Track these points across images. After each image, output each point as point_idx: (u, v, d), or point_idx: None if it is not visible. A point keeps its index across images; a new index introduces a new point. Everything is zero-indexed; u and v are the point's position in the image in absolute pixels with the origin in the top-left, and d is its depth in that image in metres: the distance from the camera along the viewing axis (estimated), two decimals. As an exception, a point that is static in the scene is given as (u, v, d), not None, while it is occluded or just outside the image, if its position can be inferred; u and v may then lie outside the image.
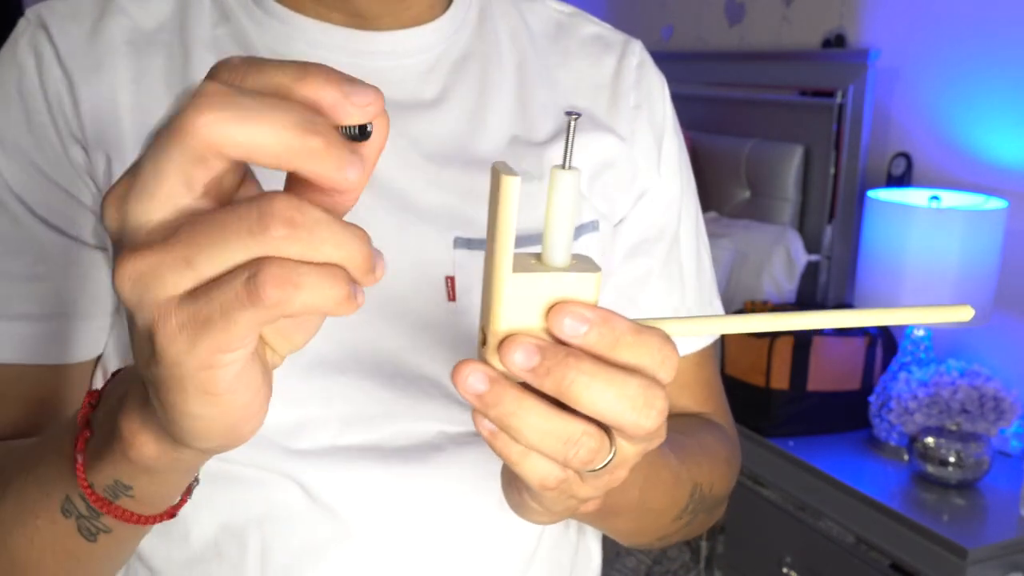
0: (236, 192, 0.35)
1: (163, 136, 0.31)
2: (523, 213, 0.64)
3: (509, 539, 0.65)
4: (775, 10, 2.53)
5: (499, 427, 0.38)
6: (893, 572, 1.67)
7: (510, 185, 0.36)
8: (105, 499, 0.44)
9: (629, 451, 0.41)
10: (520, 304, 0.38)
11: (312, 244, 0.31)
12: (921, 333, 1.89)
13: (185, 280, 0.31)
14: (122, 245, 0.32)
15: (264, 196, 0.31)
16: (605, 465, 0.40)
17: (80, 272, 0.62)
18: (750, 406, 1.95)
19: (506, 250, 0.37)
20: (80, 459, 0.44)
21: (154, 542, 0.63)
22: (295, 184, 0.34)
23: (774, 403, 1.95)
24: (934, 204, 1.80)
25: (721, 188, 2.52)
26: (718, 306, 0.79)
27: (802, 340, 1.95)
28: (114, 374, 0.46)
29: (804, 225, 2.37)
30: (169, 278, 0.31)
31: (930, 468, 1.74)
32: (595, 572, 0.76)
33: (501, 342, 0.38)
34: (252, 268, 0.30)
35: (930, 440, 1.74)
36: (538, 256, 0.39)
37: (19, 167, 0.61)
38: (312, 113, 0.31)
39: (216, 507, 0.61)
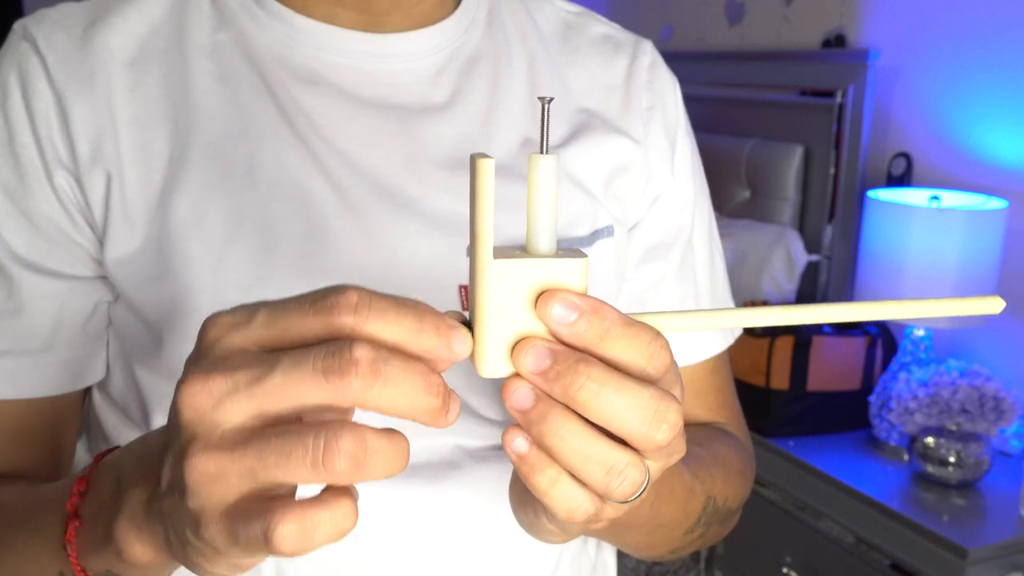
0: None
1: (302, 371, 0.33)
2: None
3: (530, 556, 0.64)
4: (775, 10, 2.53)
5: (540, 445, 0.37)
6: (893, 572, 1.66)
7: (486, 167, 0.35)
8: None
9: (652, 470, 0.39)
10: (505, 294, 0.36)
11: (368, 473, 0.33)
12: (921, 333, 1.89)
13: (243, 488, 0.34)
14: (194, 434, 0.34)
15: (331, 429, 0.33)
16: (640, 494, 0.38)
17: (56, 306, 0.60)
18: (750, 406, 1.94)
19: (485, 236, 0.36)
20: (70, 549, 0.46)
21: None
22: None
23: (774, 403, 1.95)
24: (934, 204, 1.80)
25: (721, 188, 2.52)
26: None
27: (802, 340, 1.95)
28: (98, 457, 0.47)
29: (804, 225, 2.37)
30: (232, 484, 0.34)
31: (930, 468, 1.74)
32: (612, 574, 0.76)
33: (515, 345, 0.36)
34: (268, 519, 0.33)
35: (930, 440, 1.74)
36: (524, 248, 0.38)
37: None
38: (431, 373, 0.34)
39: None
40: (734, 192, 2.53)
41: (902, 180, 2.10)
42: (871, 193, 1.92)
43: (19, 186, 0.59)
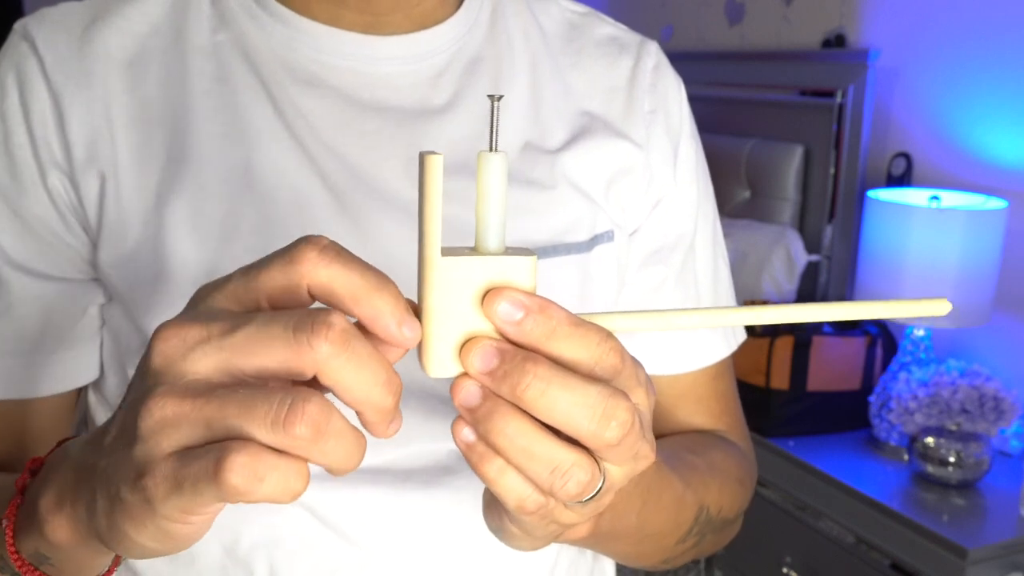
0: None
1: (273, 326, 0.33)
2: (530, 223, 0.62)
3: (526, 562, 0.64)
4: (775, 10, 2.53)
5: (486, 444, 0.37)
6: (893, 572, 1.66)
7: (434, 164, 0.35)
8: (30, 565, 0.44)
9: (615, 475, 0.39)
10: (452, 292, 0.36)
11: (320, 448, 0.33)
12: (921, 333, 1.89)
13: (194, 437, 0.34)
14: (159, 381, 0.34)
15: (300, 392, 0.33)
16: (593, 496, 0.39)
17: (44, 308, 0.60)
18: (750, 406, 1.93)
19: (433, 233, 0.36)
20: (8, 525, 0.44)
21: (160, 566, 0.62)
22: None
23: (774, 403, 1.95)
24: (934, 204, 1.80)
25: (721, 188, 2.52)
26: None
27: (802, 340, 1.95)
28: (59, 443, 0.46)
29: (804, 225, 2.37)
30: (184, 431, 0.34)
31: (930, 468, 1.74)
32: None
33: (463, 344, 0.36)
34: (223, 449, 0.32)
35: (930, 440, 1.74)
36: (472, 247, 0.37)
37: None
38: (394, 373, 0.35)
39: (222, 532, 0.59)
40: (734, 192, 2.53)
41: (902, 180, 2.10)
42: (871, 193, 1.92)
43: (13, 186, 0.59)
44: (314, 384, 0.35)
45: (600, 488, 0.38)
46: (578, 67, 0.69)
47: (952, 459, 1.72)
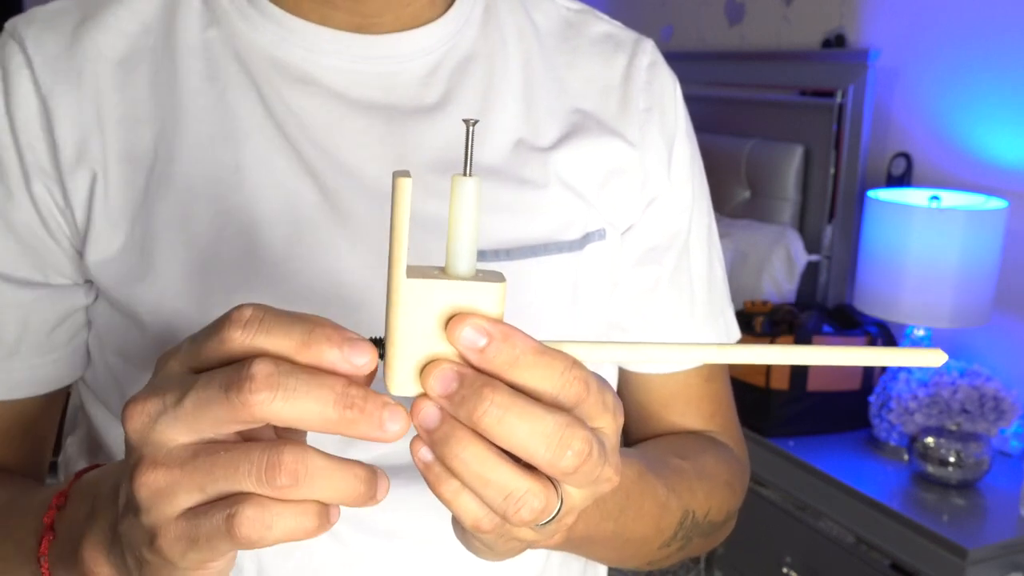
0: None
1: (210, 389, 0.35)
2: (523, 224, 0.62)
3: (517, 560, 0.64)
4: (775, 10, 2.53)
5: (444, 466, 0.37)
6: (893, 572, 1.67)
7: (403, 186, 0.35)
8: None
9: (576, 497, 0.39)
10: (417, 314, 0.36)
11: (307, 490, 0.35)
12: (921, 333, 1.89)
13: (193, 501, 0.36)
14: (142, 454, 0.36)
15: (274, 445, 0.35)
16: (550, 520, 0.39)
17: (22, 315, 0.60)
18: (750, 406, 1.95)
19: (400, 254, 0.36)
20: (44, 562, 0.47)
21: None
22: None
23: (774, 403, 1.95)
24: (934, 204, 1.80)
25: (721, 188, 2.52)
26: (730, 316, 0.75)
27: (802, 340, 1.95)
28: (78, 474, 0.48)
29: (804, 225, 2.37)
30: (181, 498, 0.36)
31: (930, 468, 1.74)
32: None
33: (423, 368, 0.36)
34: (233, 505, 0.35)
35: (930, 440, 1.74)
36: (443, 268, 0.37)
37: None
38: (349, 386, 0.35)
39: None
40: (734, 192, 2.53)
41: (902, 180, 2.10)
42: (871, 193, 1.92)
43: None
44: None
45: (558, 512, 0.39)
46: (573, 65, 0.68)
47: (952, 459, 1.72)
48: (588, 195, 0.65)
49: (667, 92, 0.71)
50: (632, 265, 0.69)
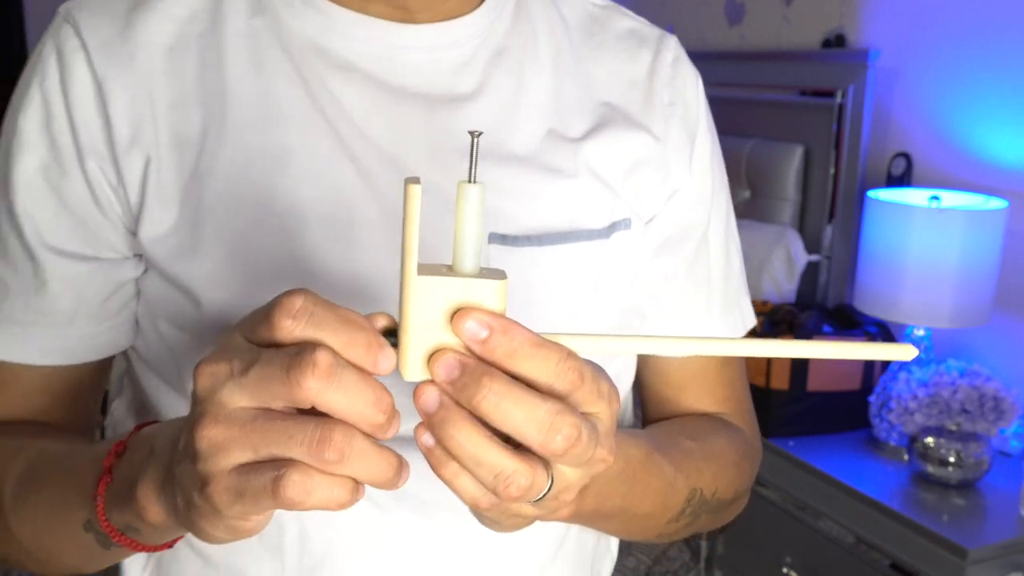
0: None
1: (273, 367, 0.39)
2: (552, 211, 0.65)
3: (533, 537, 0.67)
4: (775, 10, 2.53)
5: (441, 446, 0.41)
6: (893, 572, 1.67)
7: (413, 192, 0.40)
8: (118, 531, 0.53)
9: (571, 476, 0.44)
10: (427, 308, 0.40)
11: (348, 468, 0.39)
12: (921, 333, 1.89)
13: (245, 458, 0.40)
14: (205, 409, 0.41)
15: (327, 423, 0.39)
16: (542, 497, 0.43)
17: (76, 286, 0.63)
18: (750, 406, 1.95)
19: (411, 253, 0.40)
20: (99, 500, 0.53)
21: None
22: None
23: (774, 403, 1.95)
24: (934, 204, 1.80)
25: (721, 188, 2.52)
26: (746, 306, 0.79)
27: (802, 340, 1.95)
28: (138, 427, 0.54)
29: (804, 225, 2.37)
30: (236, 454, 0.40)
31: (930, 468, 1.74)
32: (614, 552, 0.79)
33: (431, 356, 0.40)
34: (280, 468, 0.39)
35: (930, 440, 1.74)
36: (450, 266, 0.42)
37: (31, 184, 0.62)
38: (385, 393, 0.40)
39: None
40: (734, 192, 2.53)
41: (902, 180, 2.10)
42: (871, 193, 1.92)
43: (54, 166, 0.62)
44: None
45: (549, 490, 0.43)
46: (599, 59, 0.71)
47: (952, 459, 1.72)
48: (615, 185, 0.68)
49: (689, 87, 0.74)
50: (651, 255, 0.71)
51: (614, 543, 0.79)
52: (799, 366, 1.96)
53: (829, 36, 2.34)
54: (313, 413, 0.40)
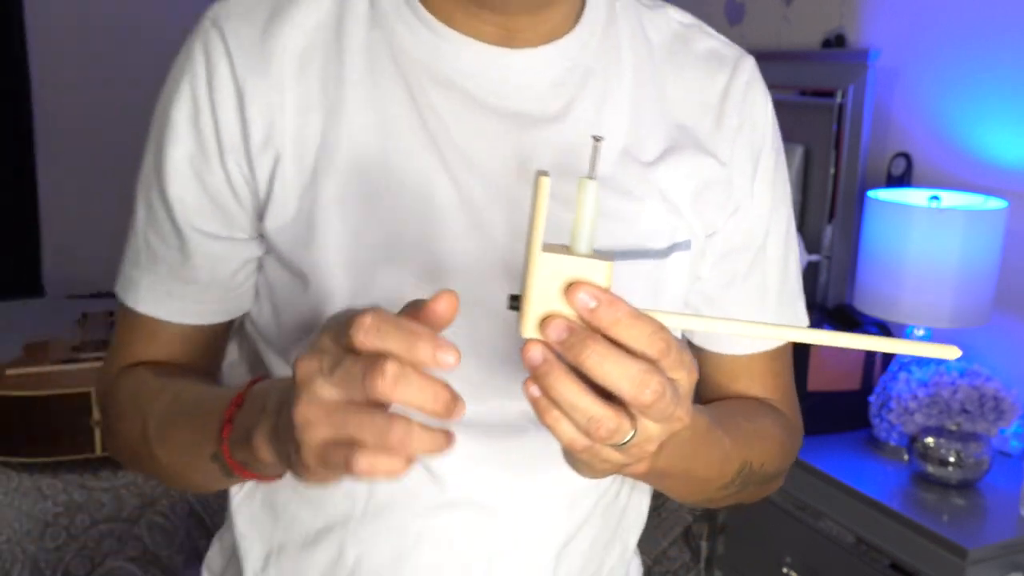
0: None
1: (353, 371, 0.48)
2: (618, 232, 0.71)
3: (561, 511, 0.77)
4: (775, 10, 2.53)
5: (544, 394, 0.49)
6: (893, 572, 1.67)
7: (543, 183, 0.48)
8: (240, 465, 0.63)
9: (652, 429, 0.51)
10: (547, 280, 0.48)
11: (407, 451, 0.48)
12: (921, 333, 1.89)
13: (329, 436, 0.49)
14: (301, 393, 0.50)
15: (391, 418, 0.47)
16: (627, 442, 0.51)
17: (212, 260, 0.73)
18: (750, 406, 1.95)
19: (538, 233, 0.48)
20: (225, 444, 0.63)
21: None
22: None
23: (774, 403, 1.94)
24: (934, 204, 1.80)
25: (721, 188, 2.51)
26: (800, 308, 0.85)
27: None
28: (252, 381, 0.65)
29: (804, 225, 2.37)
30: (322, 431, 0.49)
31: (930, 468, 1.74)
32: (642, 520, 0.88)
33: (543, 319, 0.48)
34: (353, 448, 0.48)
35: (930, 440, 1.74)
36: (567, 247, 0.50)
37: (180, 172, 0.70)
38: (442, 388, 0.48)
39: None
40: (734, 192, 2.53)
41: (902, 180, 2.10)
42: (871, 193, 1.92)
43: (200, 157, 0.70)
44: None
45: (631, 437, 0.50)
46: (678, 80, 0.76)
47: (952, 459, 1.72)
48: (681, 208, 0.73)
49: (758, 108, 0.78)
50: (712, 264, 0.78)
51: (645, 506, 0.86)
52: (799, 366, 1.95)
53: (829, 36, 2.34)
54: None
